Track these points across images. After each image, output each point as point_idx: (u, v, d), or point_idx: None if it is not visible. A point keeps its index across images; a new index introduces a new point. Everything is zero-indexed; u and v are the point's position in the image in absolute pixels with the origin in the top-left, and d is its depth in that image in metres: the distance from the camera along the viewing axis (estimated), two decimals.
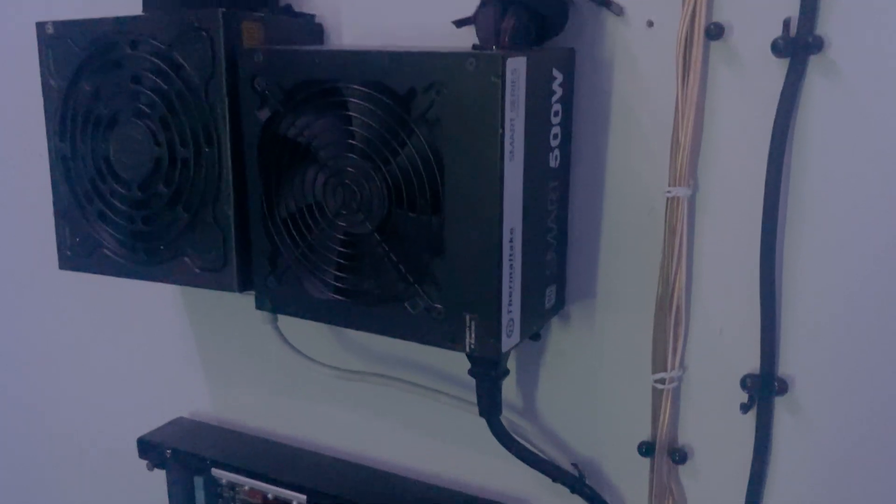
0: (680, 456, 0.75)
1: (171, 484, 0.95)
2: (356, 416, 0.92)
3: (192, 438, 0.98)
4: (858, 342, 0.66)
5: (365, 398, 0.90)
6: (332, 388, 0.91)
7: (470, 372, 0.72)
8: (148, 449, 0.96)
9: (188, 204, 0.76)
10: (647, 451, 0.75)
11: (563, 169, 0.71)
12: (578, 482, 0.77)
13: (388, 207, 0.67)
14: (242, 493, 0.91)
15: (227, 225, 0.74)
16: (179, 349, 1.02)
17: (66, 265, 0.85)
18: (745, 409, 0.70)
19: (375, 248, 0.68)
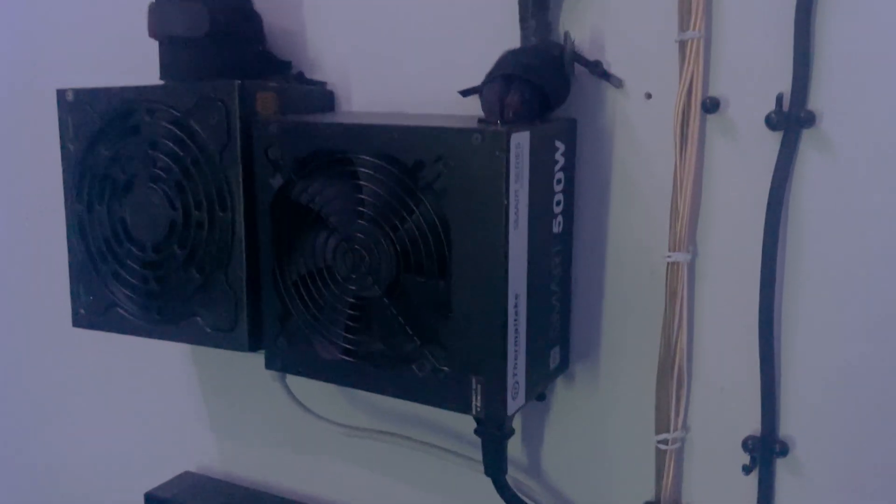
0: None
1: None
2: (363, 472, 0.93)
3: (199, 493, 0.98)
4: (858, 403, 0.67)
5: (372, 455, 0.91)
6: (339, 444, 0.92)
7: (476, 431, 0.73)
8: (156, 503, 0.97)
9: (201, 265, 0.78)
10: None
11: (565, 234, 0.73)
12: None
13: (396, 272, 0.69)
14: None
15: (239, 286, 0.77)
16: (188, 404, 1.04)
17: (79, 323, 0.87)
18: (747, 470, 0.71)
19: (384, 310, 0.70)
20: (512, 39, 0.73)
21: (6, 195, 1.15)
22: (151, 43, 0.81)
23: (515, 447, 0.83)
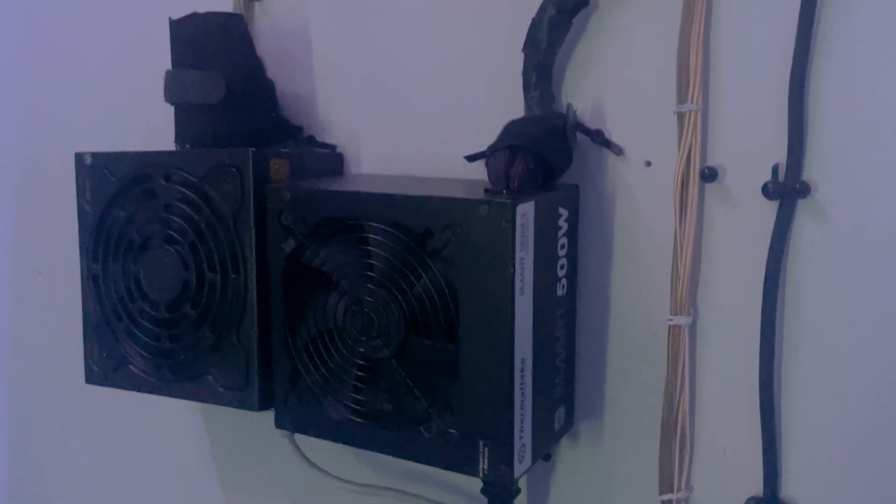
0: None
1: None
2: None
3: None
4: (859, 463, 0.68)
5: None
6: (347, 501, 0.92)
7: (483, 491, 0.74)
8: None
9: (214, 325, 0.80)
10: None
11: (569, 297, 0.75)
12: None
13: (404, 334, 0.70)
14: None
15: (250, 346, 0.78)
16: (199, 461, 1.04)
17: (92, 380, 0.89)
18: None
19: (392, 372, 0.72)
20: (516, 107, 0.75)
21: (22, 253, 1.18)
22: (167, 107, 0.84)
23: None
